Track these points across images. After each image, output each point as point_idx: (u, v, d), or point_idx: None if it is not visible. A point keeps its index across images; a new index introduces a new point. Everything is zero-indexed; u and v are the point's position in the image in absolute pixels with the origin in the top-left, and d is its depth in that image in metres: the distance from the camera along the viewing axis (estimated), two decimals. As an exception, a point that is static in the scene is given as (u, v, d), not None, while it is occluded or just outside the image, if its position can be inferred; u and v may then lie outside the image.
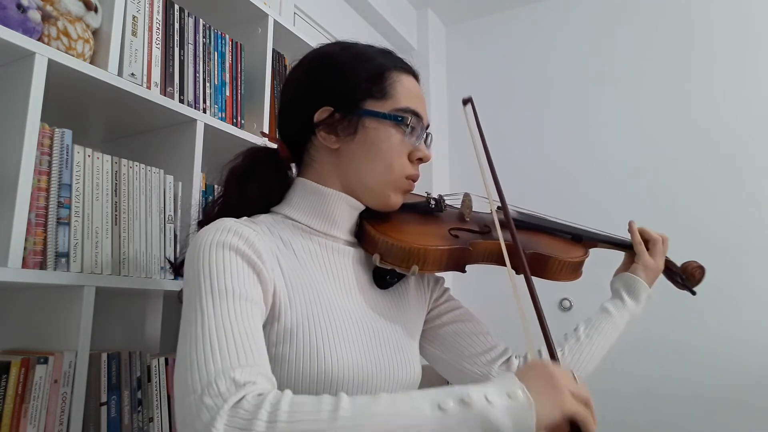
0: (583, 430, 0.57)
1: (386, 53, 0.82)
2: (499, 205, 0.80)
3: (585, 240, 0.97)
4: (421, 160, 0.81)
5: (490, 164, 0.80)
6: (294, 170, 0.86)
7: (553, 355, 0.66)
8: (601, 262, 1.04)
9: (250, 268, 0.65)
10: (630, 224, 0.99)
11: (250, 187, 0.80)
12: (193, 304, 0.61)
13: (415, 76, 0.83)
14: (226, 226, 0.68)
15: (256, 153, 0.85)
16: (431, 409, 0.52)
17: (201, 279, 0.62)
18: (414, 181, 0.81)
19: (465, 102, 0.89)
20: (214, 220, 0.71)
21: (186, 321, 0.61)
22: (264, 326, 0.68)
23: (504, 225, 0.80)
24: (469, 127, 0.83)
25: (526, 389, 0.55)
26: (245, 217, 0.75)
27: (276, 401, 0.51)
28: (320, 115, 0.77)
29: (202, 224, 0.80)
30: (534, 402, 0.54)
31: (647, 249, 0.96)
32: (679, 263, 1.03)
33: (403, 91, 0.79)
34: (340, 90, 0.78)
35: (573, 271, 0.90)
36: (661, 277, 1.01)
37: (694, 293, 1.03)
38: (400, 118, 0.77)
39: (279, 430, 0.49)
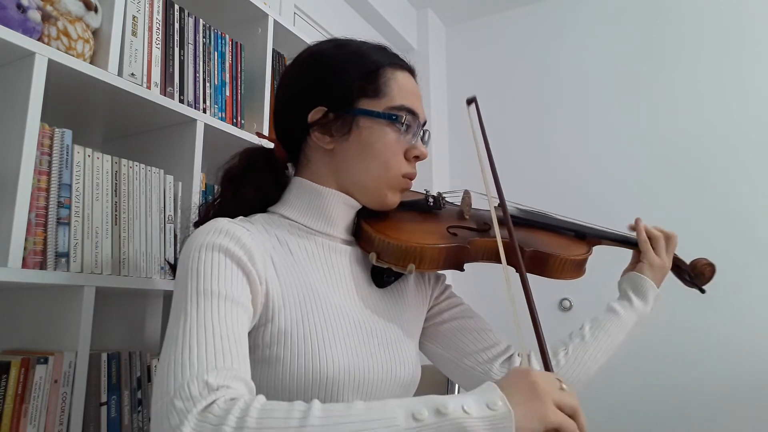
0: None
1: (381, 50, 0.81)
2: (499, 202, 0.80)
3: (589, 237, 0.96)
4: (417, 158, 0.80)
5: (491, 164, 0.80)
6: (291, 170, 0.86)
7: (545, 361, 0.64)
8: (601, 262, 1.04)
9: (240, 269, 0.65)
10: (636, 221, 0.97)
11: (245, 188, 0.80)
12: (178, 306, 0.61)
13: (411, 71, 0.83)
14: (218, 227, 0.67)
15: (251, 153, 0.84)
16: (405, 419, 0.51)
17: (188, 280, 0.62)
18: (411, 179, 0.81)
19: (469, 102, 0.87)
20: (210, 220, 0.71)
21: (171, 322, 0.60)
22: (258, 328, 0.68)
23: (502, 223, 0.79)
24: (472, 126, 0.82)
25: (507, 400, 0.53)
26: (241, 217, 0.75)
27: (246, 406, 0.50)
28: (314, 115, 0.77)
29: (198, 225, 0.79)
30: (514, 413, 0.52)
31: (652, 247, 0.94)
32: (688, 261, 1.01)
33: (398, 89, 0.78)
34: (333, 89, 0.77)
35: (575, 269, 0.88)
36: (671, 275, 0.98)
37: (703, 291, 1.00)
38: (394, 117, 0.76)
39: None
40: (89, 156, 0.97)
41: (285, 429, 0.49)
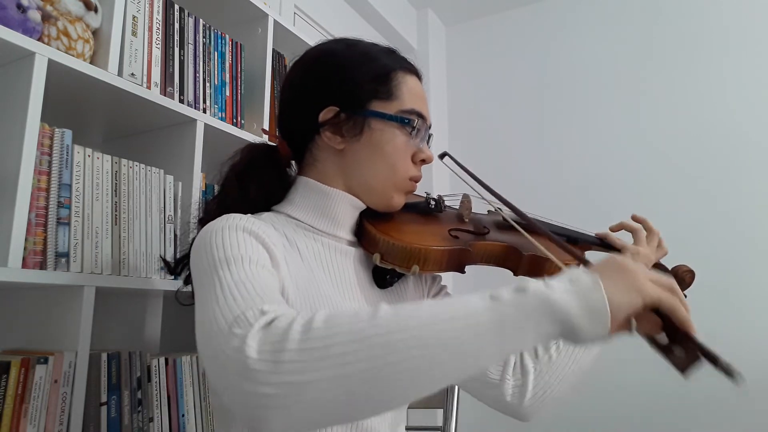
0: (674, 318, 0.52)
1: (390, 53, 0.82)
2: (496, 207, 0.81)
3: (580, 243, 0.98)
4: (424, 161, 0.81)
5: (493, 193, 0.80)
6: (294, 168, 0.86)
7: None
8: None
9: (263, 248, 0.65)
10: (602, 234, 0.98)
11: (250, 185, 0.80)
12: (208, 279, 0.59)
13: (419, 76, 0.83)
14: (234, 216, 0.68)
15: (254, 150, 0.84)
16: (483, 300, 0.49)
17: (214, 254, 0.61)
18: (416, 182, 0.81)
19: (441, 156, 0.89)
20: (216, 217, 0.71)
21: (202, 296, 0.58)
22: None
23: (514, 222, 0.82)
24: (457, 174, 0.84)
25: (595, 275, 0.50)
26: (249, 215, 0.75)
27: (311, 317, 0.49)
28: (325, 115, 0.77)
29: (203, 221, 0.79)
30: (603, 285, 0.49)
31: (635, 240, 0.95)
32: (670, 267, 1.02)
33: (408, 93, 0.78)
34: (346, 90, 0.77)
35: None
36: None
37: (684, 297, 1.02)
38: (406, 121, 0.77)
39: (315, 338, 0.47)
40: (89, 156, 0.98)
41: (354, 326, 0.48)
